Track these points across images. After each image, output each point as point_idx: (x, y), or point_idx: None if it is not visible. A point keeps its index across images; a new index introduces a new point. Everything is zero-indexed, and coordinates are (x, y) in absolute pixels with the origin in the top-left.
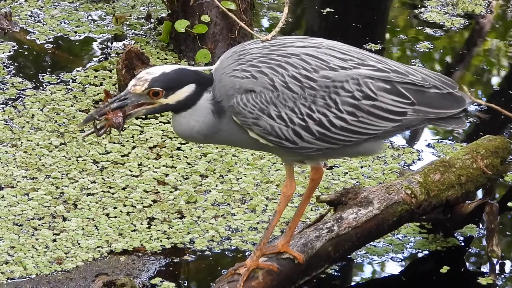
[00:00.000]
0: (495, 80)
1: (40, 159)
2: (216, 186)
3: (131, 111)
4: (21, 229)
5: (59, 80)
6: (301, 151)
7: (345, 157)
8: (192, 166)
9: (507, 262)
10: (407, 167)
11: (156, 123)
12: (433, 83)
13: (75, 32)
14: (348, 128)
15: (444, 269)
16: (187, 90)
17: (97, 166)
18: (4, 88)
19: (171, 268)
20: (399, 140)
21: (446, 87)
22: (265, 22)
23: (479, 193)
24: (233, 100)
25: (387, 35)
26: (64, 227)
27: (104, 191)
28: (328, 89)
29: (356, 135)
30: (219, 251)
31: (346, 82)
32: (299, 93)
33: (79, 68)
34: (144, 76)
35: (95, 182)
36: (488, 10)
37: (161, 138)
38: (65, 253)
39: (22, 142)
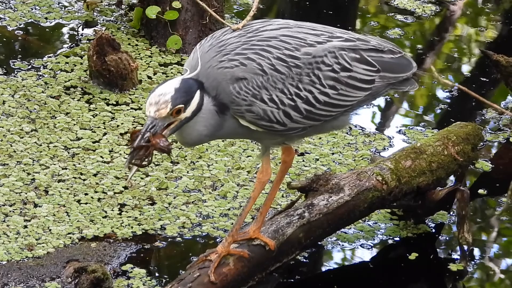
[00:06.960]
0: (465, 67)
1: (11, 145)
2: (187, 172)
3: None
4: None
5: (30, 67)
6: (288, 133)
7: (321, 133)
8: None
9: (478, 249)
10: (378, 154)
11: (127, 110)
12: (388, 48)
13: (46, 18)
14: (330, 103)
15: (413, 256)
16: (197, 97)
17: (68, 153)
18: None
19: (142, 255)
20: (370, 126)
21: (398, 50)
22: (236, 8)
23: (450, 180)
24: (228, 91)
25: (358, 22)
26: (35, 213)
27: (75, 178)
28: (311, 65)
29: (336, 109)
30: (190, 237)
31: (325, 56)
32: (287, 73)
33: (50, 54)
34: (161, 98)
35: (66, 169)
36: None
37: (132, 124)
38: (36, 240)
39: None
